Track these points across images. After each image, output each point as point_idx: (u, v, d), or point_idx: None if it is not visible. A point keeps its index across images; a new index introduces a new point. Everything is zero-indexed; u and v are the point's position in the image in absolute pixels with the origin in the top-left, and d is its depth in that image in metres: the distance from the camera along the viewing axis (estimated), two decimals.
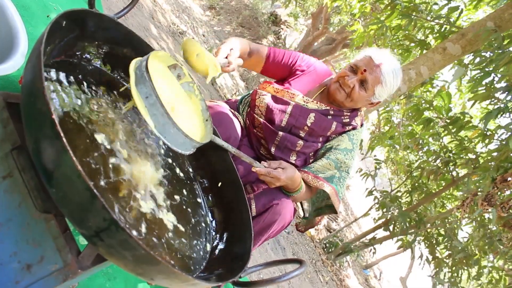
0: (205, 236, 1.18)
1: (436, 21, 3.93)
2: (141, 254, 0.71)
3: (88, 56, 1.10)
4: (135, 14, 4.36)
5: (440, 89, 4.41)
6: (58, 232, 0.81)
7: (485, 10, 5.24)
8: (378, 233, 6.03)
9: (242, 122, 1.69)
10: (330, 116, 1.59)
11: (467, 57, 3.96)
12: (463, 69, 3.84)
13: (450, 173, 4.70)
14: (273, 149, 1.60)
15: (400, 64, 1.57)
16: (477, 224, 4.54)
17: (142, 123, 1.14)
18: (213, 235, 1.23)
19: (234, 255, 1.15)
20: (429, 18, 3.98)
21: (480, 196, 3.49)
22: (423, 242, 5.51)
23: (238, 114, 1.70)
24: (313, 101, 1.59)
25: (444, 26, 3.89)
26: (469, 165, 4.26)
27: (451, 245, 4.81)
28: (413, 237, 5.32)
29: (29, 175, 0.84)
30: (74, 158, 0.67)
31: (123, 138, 1.03)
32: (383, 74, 1.48)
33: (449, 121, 4.19)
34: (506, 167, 3.50)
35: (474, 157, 4.30)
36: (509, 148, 3.33)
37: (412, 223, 5.23)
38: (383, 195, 5.44)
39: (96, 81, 1.09)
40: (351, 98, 1.53)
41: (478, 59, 3.66)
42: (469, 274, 4.73)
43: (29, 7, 1.51)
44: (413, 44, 4.15)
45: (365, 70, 1.49)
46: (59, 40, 0.95)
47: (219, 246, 1.20)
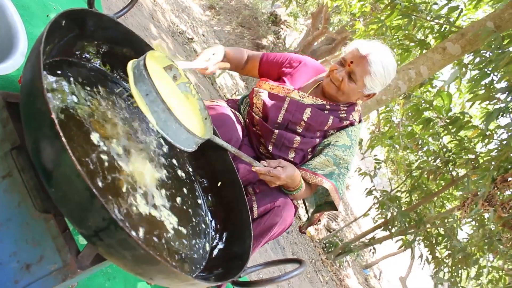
0: (205, 236, 1.18)
1: (436, 21, 3.93)
2: (141, 254, 0.71)
3: (88, 56, 1.10)
4: (135, 14, 4.36)
5: (440, 89, 4.41)
6: (58, 232, 0.81)
7: (485, 10, 5.25)
8: (378, 233, 6.03)
9: (243, 122, 1.70)
10: (327, 111, 1.59)
11: (467, 57, 3.96)
12: (458, 72, 3.85)
13: (450, 173, 4.71)
14: (271, 147, 1.60)
15: (395, 59, 1.55)
16: (477, 224, 4.54)
17: (142, 123, 1.14)
18: (213, 235, 1.23)
19: (234, 255, 1.15)
20: (429, 18, 3.98)
21: (481, 196, 3.49)
22: (423, 242, 5.51)
23: (239, 114, 1.71)
24: (309, 96, 1.60)
25: (444, 26, 3.89)
26: (469, 165, 4.26)
27: (451, 245, 4.81)
28: (413, 237, 5.32)
29: (29, 175, 0.83)
30: (73, 158, 0.67)
31: (123, 138, 1.03)
32: (371, 65, 1.45)
33: (449, 121, 4.19)
34: (506, 167, 3.50)
35: (474, 157, 4.30)
36: (510, 148, 3.33)
37: (412, 223, 5.23)
38: (383, 195, 5.44)
39: (96, 81, 1.09)
40: (342, 91, 1.53)
41: (478, 59, 3.66)
42: (468, 274, 4.73)
43: (29, 7, 1.51)
44: (413, 44, 4.15)
45: (352, 62, 1.49)
46: (59, 40, 0.95)
47: (219, 246, 1.20)
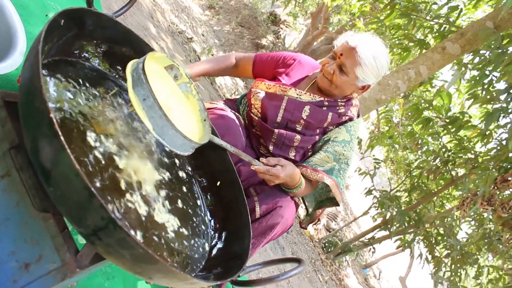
0: (204, 235, 1.18)
1: (436, 21, 3.93)
2: (139, 253, 0.71)
3: (87, 55, 1.10)
4: (134, 14, 4.35)
5: (439, 89, 4.41)
6: (56, 231, 0.81)
7: (485, 10, 5.25)
8: (378, 233, 6.03)
9: (243, 123, 1.69)
10: (325, 107, 1.59)
11: (466, 57, 3.96)
12: (460, 75, 3.85)
13: (449, 173, 4.71)
14: (272, 147, 1.60)
15: (388, 49, 1.55)
16: (477, 223, 4.55)
17: (141, 122, 1.14)
18: (212, 234, 1.23)
19: (233, 254, 1.15)
20: (429, 18, 3.98)
21: (480, 196, 3.49)
22: (422, 242, 5.51)
23: (239, 115, 1.71)
24: (306, 93, 1.60)
25: (444, 26, 3.89)
26: (468, 165, 4.26)
27: (450, 245, 4.81)
28: (412, 237, 5.33)
29: (27, 174, 0.83)
30: (72, 157, 0.67)
31: (122, 137, 1.03)
32: (360, 55, 1.45)
33: (448, 121, 4.19)
34: (506, 167, 3.51)
35: (473, 157, 4.30)
36: (509, 149, 3.33)
37: (411, 223, 5.23)
38: (382, 195, 5.44)
39: (95, 80, 1.09)
40: (335, 85, 1.53)
41: (477, 59, 3.66)
42: (466, 273, 4.73)
43: (28, 6, 1.50)
44: (413, 44, 4.15)
45: (342, 55, 1.49)
46: (57, 39, 0.95)
47: (218, 245, 1.20)
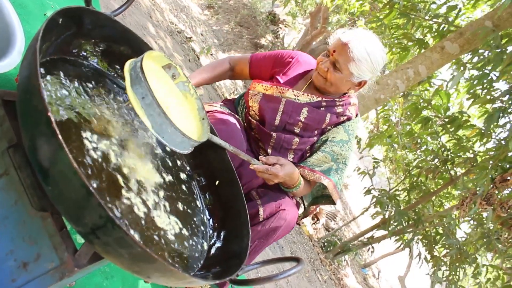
0: (202, 235, 1.18)
1: (435, 20, 3.93)
2: (138, 252, 0.71)
3: (85, 54, 1.10)
4: (133, 13, 4.35)
5: (438, 88, 4.42)
6: (55, 230, 0.81)
7: (484, 10, 5.25)
8: (376, 232, 6.03)
9: (243, 126, 1.69)
10: (323, 108, 1.58)
11: (465, 56, 3.96)
12: (460, 76, 3.85)
13: (448, 172, 4.71)
14: (270, 151, 1.60)
15: (383, 45, 1.53)
16: (476, 223, 4.55)
17: (141, 122, 1.14)
18: (210, 234, 1.23)
19: (232, 254, 1.15)
20: (428, 17, 3.98)
21: (479, 195, 3.50)
22: (421, 241, 5.52)
23: (239, 117, 1.70)
24: (304, 94, 1.58)
25: (443, 25, 3.89)
26: (467, 164, 4.27)
27: (449, 244, 4.82)
28: (411, 236, 5.33)
29: (25, 173, 0.83)
30: (70, 156, 0.66)
31: (121, 136, 1.03)
32: (353, 51, 1.43)
33: (447, 120, 4.20)
34: (505, 167, 3.51)
35: (472, 156, 4.31)
36: (508, 148, 3.34)
37: (410, 222, 5.24)
38: (381, 194, 5.44)
39: (93, 79, 1.09)
40: (330, 82, 1.52)
41: (476, 58, 3.67)
42: (464, 271, 4.74)
43: (26, 5, 1.50)
44: (412, 43, 4.15)
45: (335, 51, 1.48)
46: (56, 38, 0.95)
47: (217, 245, 1.20)
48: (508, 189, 3.57)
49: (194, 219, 1.17)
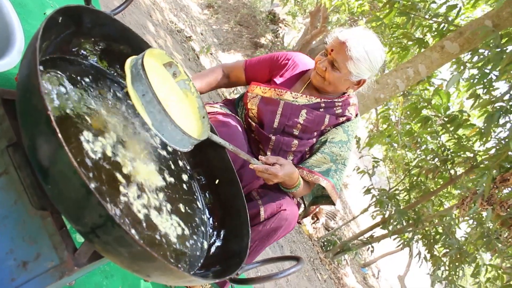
0: (202, 234, 1.18)
1: (434, 20, 3.93)
2: (137, 251, 0.71)
3: (85, 53, 1.09)
4: (133, 12, 4.34)
5: (438, 87, 4.42)
6: (54, 229, 0.81)
7: (483, 9, 5.25)
8: (376, 232, 6.04)
9: (244, 127, 1.68)
10: (322, 109, 1.57)
11: (465, 56, 3.96)
12: (459, 76, 3.85)
13: (448, 172, 4.71)
14: (269, 153, 1.60)
15: (381, 43, 1.52)
16: (476, 222, 4.55)
17: (142, 120, 1.14)
18: (210, 233, 1.23)
19: (232, 253, 1.14)
20: (427, 17, 3.98)
21: (480, 195, 3.50)
22: (421, 241, 5.52)
23: (239, 119, 1.69)
24: (302, 95, 1.57)
25: (442, 25, 3.89)
26: (467, 164, 4.27)
27: (448, 243, 4.82)
28: (411, 235, 5.34)
29: (25, 172, 0.83)
30: (70, 155, 0.66)
31: (121, 135, 1.03)
32: (350, 50, 1.42)
33: (447, 120, 4.20)
34: (506, 167, 3.51)
35: (472, 156, 4.31)
36: (509, 148, 3.34)
37: (410, 221, 5.24)
38: (381, 193, 5.45)
39: (93, 78, 1.09)
40: (328, 81, 1.50)
41: (476, 58, 3.67)
42: (463, 271, 4.74)
43: (26, 5, 1.50)
44: (411, 42, 4.15)
45: (332, 50, 1.47)
46: (55, 37, 0.94)
47: (216, 244, 1.20)
48: (508, 189, 3.57)
49: (194, 218, 1.17)
